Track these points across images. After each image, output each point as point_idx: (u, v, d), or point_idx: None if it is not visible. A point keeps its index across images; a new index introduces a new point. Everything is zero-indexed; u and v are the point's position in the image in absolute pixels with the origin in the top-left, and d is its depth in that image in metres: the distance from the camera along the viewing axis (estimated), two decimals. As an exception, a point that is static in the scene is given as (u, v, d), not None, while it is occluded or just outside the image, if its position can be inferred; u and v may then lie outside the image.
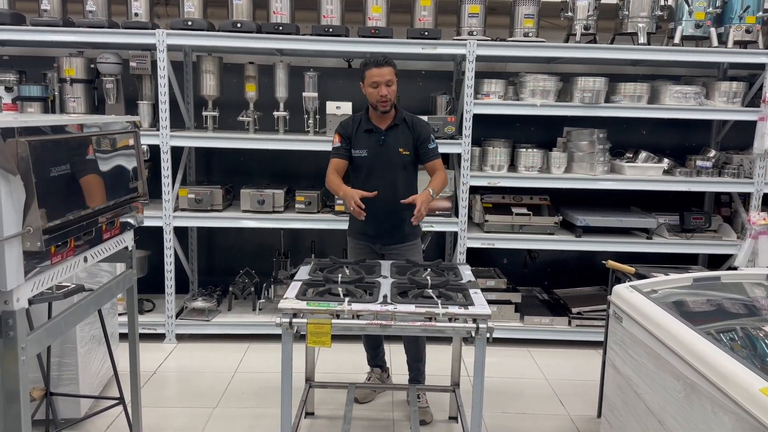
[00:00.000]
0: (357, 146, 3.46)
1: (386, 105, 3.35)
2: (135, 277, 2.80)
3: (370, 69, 3.31)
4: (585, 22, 4.43)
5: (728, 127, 4.99)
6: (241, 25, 4.32)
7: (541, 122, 4.96)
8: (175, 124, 4.50)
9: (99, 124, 2.38)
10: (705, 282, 3.12)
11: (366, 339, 3.75)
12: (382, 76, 3.29)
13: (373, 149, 3.43)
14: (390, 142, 3.43)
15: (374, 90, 3.32)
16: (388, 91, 3.31)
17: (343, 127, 3.52)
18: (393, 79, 3.33)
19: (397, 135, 3.44)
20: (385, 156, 3.43)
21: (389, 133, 3.44)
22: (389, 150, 3.42)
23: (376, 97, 3.32)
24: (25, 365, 1.88)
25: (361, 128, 3.46)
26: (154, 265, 4.72)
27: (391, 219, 3.44)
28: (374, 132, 3.44)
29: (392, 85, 3.33)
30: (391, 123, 3.45)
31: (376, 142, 3.43)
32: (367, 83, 3.34)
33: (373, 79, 3.30)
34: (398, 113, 3.47)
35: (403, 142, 3.44)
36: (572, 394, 3.89)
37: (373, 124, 3.45)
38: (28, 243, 1.83)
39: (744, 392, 1.89)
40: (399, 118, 3.46)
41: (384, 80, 3.29)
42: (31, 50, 4.89)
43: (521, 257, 5.26)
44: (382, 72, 3.29)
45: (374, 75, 3.30)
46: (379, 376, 3.81)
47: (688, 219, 4.64)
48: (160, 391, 3.84)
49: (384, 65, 3.31)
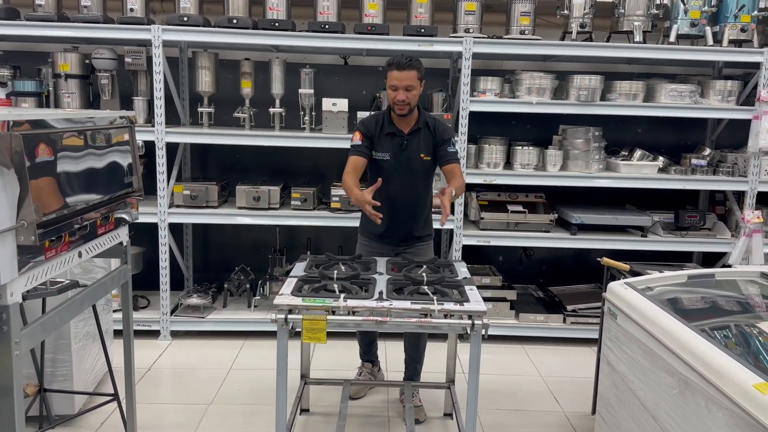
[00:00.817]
0: (379, 149, 3.36)
1: (404, 109, 3.24)
2: (130, 273, 2.79)
3: (392, 71, 3.19)
4: (581, 20, 4.44)
5: (723, 125, 5.01)
6: (237, 21, 4.30)
7: (537, 120, 4.97)
8: (170, 120, 4.49)
9: (94, 119, 2.37)
10: (699, 279, 3.12)
11: (360, 334, 3.75)
12: (401, 80, 3.17)
13: (396, 153, 3.34)
14: (412, 147, 3.34)
15: (393, 93, 3.22)
16: (406, 96, 3.19)
17: (365, 126, 3.40)
18: (414, 84, 3.19)
19: (419, 140, 3.35)
20: (406, 161, 3.35)
21: (412, 138, 3.35)
22: (411, 155, 3.34)
23: (393, 100, 3.23)
24: (18, 360, 1.88)
25: (384, 130, 3.35)
26: (149, 261, 4.71)
27: (408, 222, 3.41)
28: (397, 136, 3.34)
29: (413, 90, 3.19)
30: (414, 127, 3.35)
31: (399, 146, 3.34)
32: (388, 84, 3.24)
33: (392, 82, 3.20)
34: (421, 116, 3.36)
35: (425, 147, 3.35)
36: (567, 391, 3.90)
37: (396, 127, 3.35)
38: (22, 237, 1.82)
39: (738, 388, 1.90)
40: (422, 122, 3.35)
41: (403, 85, 3.17)
42: (25, 45, 4.86)
43: (516, 255, 5.27)
44: (402, 76, 3.16)
45: (394, 78, 3.18)
46: (370, 371, 3.81)
47: (683, 217, 4.66)
48: (154, 387, 3.83)
49: (406, 68, 3.16)
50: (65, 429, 3.24)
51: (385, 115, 3.40)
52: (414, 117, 3.36)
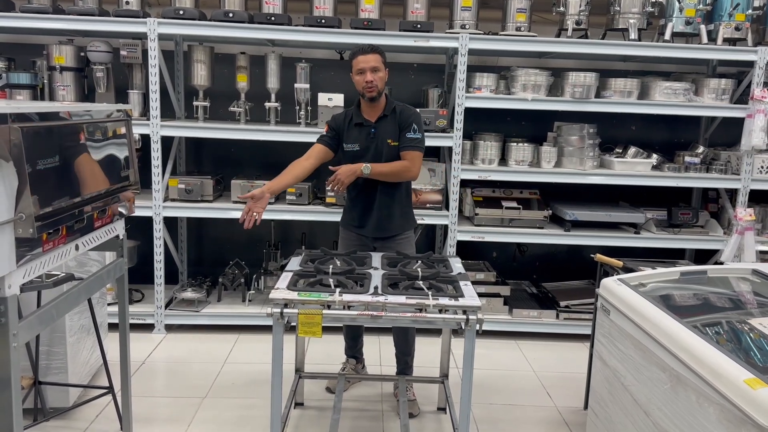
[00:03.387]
0: (348, 140, 3.43)
1: (372, 91, 3.30)
2: (126, 266, 2.79)
3: (356, 57, 3.30)
4: (576, 18, 4.46)
5: (716, 123, 5.04)
6: (233, 15, 4.30)
7: (531, 117, 4.99)
8: (165, 114, 4.48)
9: (91, 112, 2.37)
10: (692, 276, 3.15)
11: (347, 329, 3.77)
12: (367, 62, 3.27)
13: (364, 143, 3.41)
14: (380, 134, 3.40)
15: (360, 77, 3.29)
16: (373, 77, 3.27)
17: (334, 119, 3.50)
18: (380, 66, 3.30)
19: (386, 126, 3.41)
20: (375, 149, 3.40)
21: (379, 125, 3.41)
22: (379, 142, 3.40)
23: (362, 84, 3.29)
24: (16, 352, 1.88)
25: (352, 122, 3.43)
26: (143, 255, 4.70)
27: (381, 211, 3.44)
28: (364, 125, 3.42)
29: (379, 72, 3.29)
30: (381, 114, 3.41)
31: (367, 136, 3.41)
32: (354, 71, 3.32)
33: (359, 66, 3.28)
34: (388, 103, 3.43)
35: (392, 132, 3.40)
36: (559, 387, 3.93)
37: (363, 117, 3.42)
38: (21, 229, 1.83)
39: (729, 384, 1.92)
40: (389, 109, 3.42)
41: (369, 66, 3.26)
42: (20, 37, 4.83)
43: (510, 251, 5.29)
44: (368, 59, 3.27)
45: (360, 62, 3.28)
46: (354, 367, 3.83)
47: (676, 214, 4.69)
48: (149, 380, 3.84)
49: (370, 52, 3.29)
50: (60, 422, 3.24)
51: (353, 108, 3.49)
52: (381, 105, 3.42)
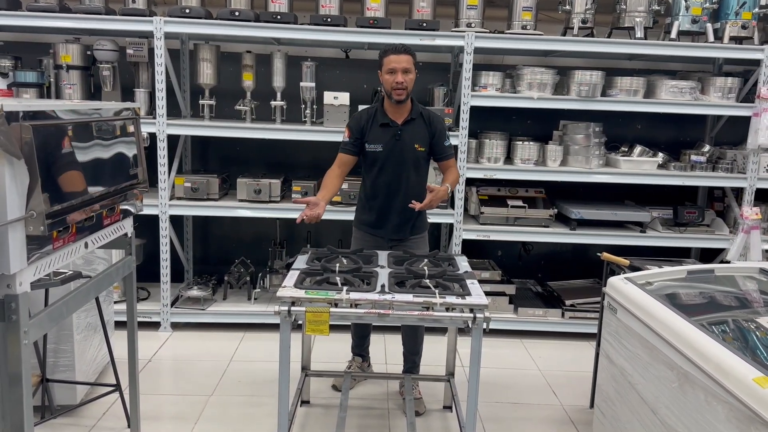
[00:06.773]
0: (371, 140, 3.36)
1: (401, 94, 3.24)
2: (134, 264, 2.80)
3: (388, 56, 3.23)
4: (582, 16, 4.45)
5: (722, 122, 5.03)
6: (239, 14, 4.30)
7: (537, 115, 4.99)
8: (171, 113, 4.49)
9: (100, 111, 2.38)
10: (699, 275, 3.15)
11: (355, 327, 3.76)
12: (399, 62, 3.20)
13: (389, 144, 3.34)
14: (406, 137, 3.34)
15: (390, 77, 3.22)
16: (404, 78, 3.20)
17: (356, 121, 3.41)
18: (411, 68, 3.23)
19: (414, 130, 3.35)
20: (400, 151, 3.34)
21: (405, 128, 3.34)
22: (405, 145, 3.34)
23: (391, 84, 3.22)
24: (27, 349, 1.89)
25: (377, 122, 3.36)
26: (149, 253, 4.71)
27: (401, 214, 3.40)
28: (390, 126, 3.35)
29: (410, 73, 3.23)
30: (408, 117, 3.35)
31: (392, 137, 3.33)
32: (384, 70, 3.25)
33: (390, 66, 3.21)
34: (414, 107, 3.38)
35: (420, 137, 3.35)
36: (565, 385, 3.93)
37: (389, 117, 3.35)
38: (31, 227, 1.84)
39: (738, 382, 1.92)
40: (416, 112, 3.36)
41: (401, 67, 3.19)
42: (26, 36, 4.85)
43: (516, 249, 5.29)
44: (400, 59, 3.21)
45: (392, 61, 3.21)
46: (360, 365, 3.82)
47: (682, 213, 4.68)
48: (155, 378, 3.85)
49: (402, 53, 3.22)
50: (67, 419, 3.25)
51: (377, 106, 3.42)
52: (407, 107, 3.37)
